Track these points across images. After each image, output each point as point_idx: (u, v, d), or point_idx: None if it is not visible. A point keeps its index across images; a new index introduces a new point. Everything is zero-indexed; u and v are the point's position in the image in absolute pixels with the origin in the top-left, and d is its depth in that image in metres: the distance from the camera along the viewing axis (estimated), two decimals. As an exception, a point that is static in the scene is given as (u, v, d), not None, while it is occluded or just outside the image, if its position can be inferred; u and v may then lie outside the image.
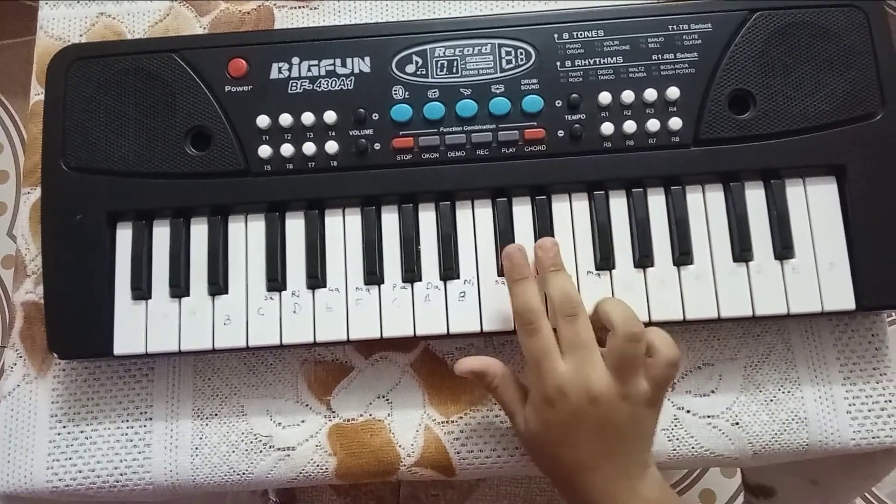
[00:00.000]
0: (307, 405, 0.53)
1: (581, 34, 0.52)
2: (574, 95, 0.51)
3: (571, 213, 0.52)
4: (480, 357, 0.48)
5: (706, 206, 0.51)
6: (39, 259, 0.55)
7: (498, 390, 0.48)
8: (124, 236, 0.52)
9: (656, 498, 0.45)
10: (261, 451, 0.53)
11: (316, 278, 0.51)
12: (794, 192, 0.51)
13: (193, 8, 0.61)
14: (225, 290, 0.51)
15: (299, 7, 0.61)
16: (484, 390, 0.52)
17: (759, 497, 0.70)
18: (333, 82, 0.52)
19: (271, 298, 0.51)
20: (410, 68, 0.52)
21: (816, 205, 0.51)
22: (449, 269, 0.51)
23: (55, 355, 0.52)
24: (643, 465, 0.46)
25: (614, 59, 0.52)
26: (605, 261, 0.51)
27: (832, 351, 0.53)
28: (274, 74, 0.53)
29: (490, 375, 0.48)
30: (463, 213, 0.52)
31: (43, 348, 0.54)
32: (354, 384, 0.54)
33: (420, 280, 0.51)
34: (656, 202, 0.51)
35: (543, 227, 0.51)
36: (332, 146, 0.51)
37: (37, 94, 0.59)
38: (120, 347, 0.51)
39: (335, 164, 0.52)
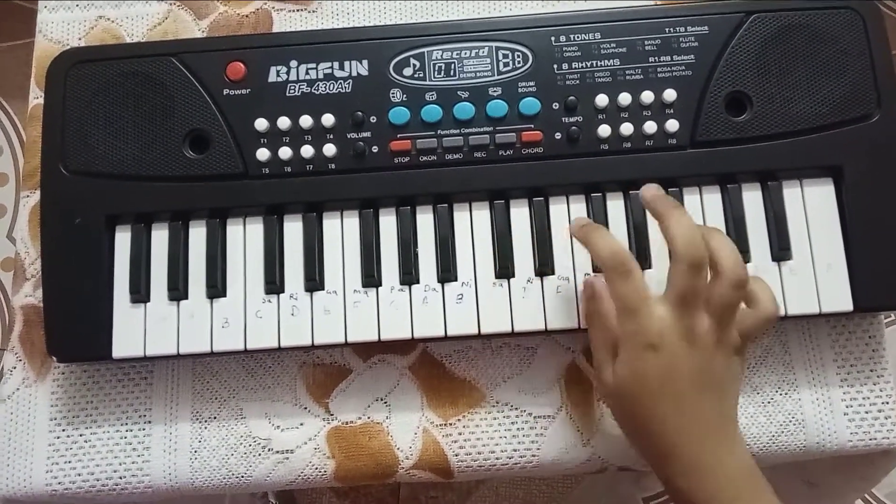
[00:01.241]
0: (305, 408, 0.53)
1: (578, 37, 0.52)
2: (571, 98, 0.51)
3: (569, 214, 0.52)
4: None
5: (703, 208, 0.52)
6: (39, 262, 0.56)
7: (599, 321, 0.45)
8: (123, 239, 0.52)
9: (745, 469, 0.43)
10: (259, 454, 0.53)
11: (314, 281, 0.51)
12: (791, 193, 0.51)
13: (192, 11, 0.61)
14: (223, 293, 0.52)
15: (297, 10, 0.61)
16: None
17: None
18: (331, 85, 0.53)
19: (269, 301, 0.51)
20: (408, 71, 0.53)
21: (813, 206, 0.51)
22: (446, 272, 0.51)
23: (54, 359, 0.52)
24: (733, 421, 0.44)
25: (611, 61, 0.52)
26: (602, 263, 0.51)
27: (829, 353, 0.53)
28: (272, 77, 0.53)
29: (605, 301, 0.45)
30: (460, 216, 0.52)
31: (42, 352, 0.54)
32: (353, 387, 0.54)
33: (418, 282, 0.51)
34: (653, 204, 0.52)
35: (541, 228, 0.51)
36: (329, 149, 0.52)
37: (36, 97, 0.59)
38: (119, 350, 0.51)
39: (333, 166, 0.52)
